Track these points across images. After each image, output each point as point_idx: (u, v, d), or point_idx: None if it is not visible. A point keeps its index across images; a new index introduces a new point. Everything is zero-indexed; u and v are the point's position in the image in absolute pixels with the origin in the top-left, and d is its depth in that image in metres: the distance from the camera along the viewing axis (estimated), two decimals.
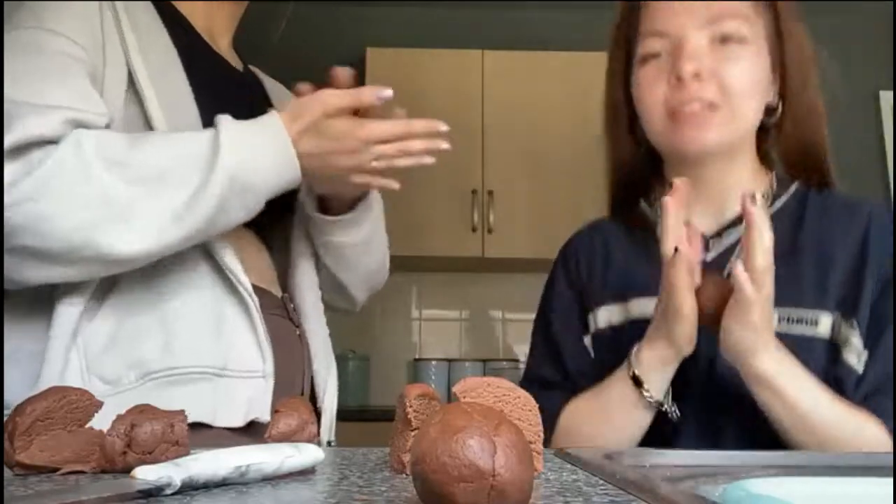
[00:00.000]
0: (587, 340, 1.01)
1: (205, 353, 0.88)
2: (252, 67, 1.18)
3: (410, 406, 0.58)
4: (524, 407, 0.58)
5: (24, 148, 0.79)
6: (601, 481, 0.53)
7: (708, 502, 0.43)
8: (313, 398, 1.05)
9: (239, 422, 0.88)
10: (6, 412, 0.79)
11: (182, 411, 0.61)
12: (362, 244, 1.10)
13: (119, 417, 0.58)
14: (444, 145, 0.94)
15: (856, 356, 0.87)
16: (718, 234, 0.96)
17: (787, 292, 0.87)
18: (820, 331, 0.88)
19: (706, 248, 0.95)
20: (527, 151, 2.94)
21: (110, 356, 0.85)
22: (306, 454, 0.56)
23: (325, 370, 1.06)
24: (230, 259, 0.92)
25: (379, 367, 3.15)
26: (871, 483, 0.55)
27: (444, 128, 0.93)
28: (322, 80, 0.99)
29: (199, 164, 0.83)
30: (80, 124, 0.83)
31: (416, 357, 3.22)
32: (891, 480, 0.49)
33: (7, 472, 0.56)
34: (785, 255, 0.90)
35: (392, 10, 3.33)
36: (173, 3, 1.02)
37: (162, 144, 0.84)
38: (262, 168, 0.86)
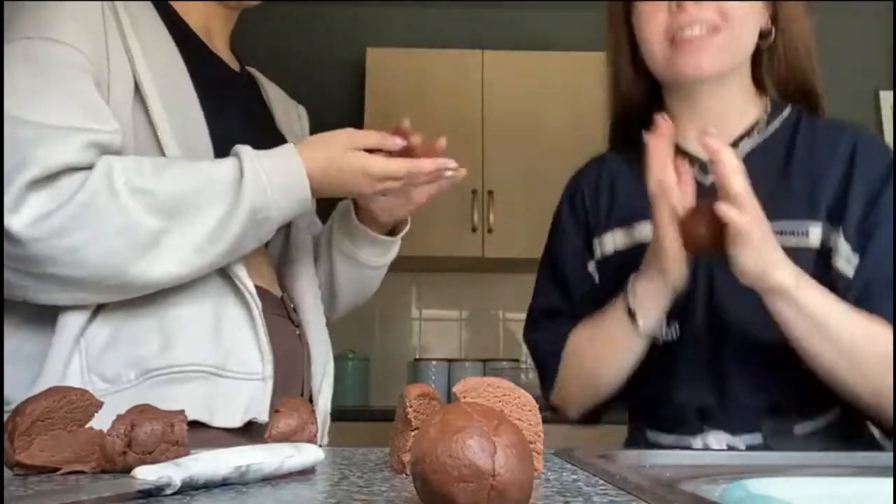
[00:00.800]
0: (592, 267, 1.04)
1: (204, 353, 0.88)
2: (249, 69, 1.17)
3: (410, 406, 0.58)
4: (524, 407, 0.58)
5: (52, 177, 0.79)
6: (601, 481, 0.53)
7: (708, 502, 0.43)
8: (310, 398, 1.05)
9: (236, 422, 0.88)
10: (6, 412, 0.80)
11: (182, 411, 0.61)
12: (381, 268, 1.17)
13: (119, 417, 0.58)
14: (450, 173, 0.98)
15: (845, 261, 0.89)
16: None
17: (778, 206, 0.90)
18: (811, 241, 0.91)
19: (704, 171, 0.98)
20: (527, 151, 2.94)
21: (110, 355, 0.85)
22: (306, 454, 0.56)
23: (321, 371, 1.05)
24: (233, 262, 0.92)
25: (379, 368, 3.15)
26: (871, 483, 0.55)
27: (452, 165, 0.97)
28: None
29: (222, 198, 0.85)
30: (101, 146, 0.83)
31: (416, 357, 3.22)
32: (891, 480, 0.49)
33: (7, 472, 0.56)
34: (777, 174, 0.95)
35: (392, 10, 3.32)
36: (170, 3, 1.01)
37: (185, 174, 0.85)
38: (281, 203, 0.89)
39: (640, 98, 1.05)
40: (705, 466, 0.66)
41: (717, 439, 0.93)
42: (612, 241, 1.03)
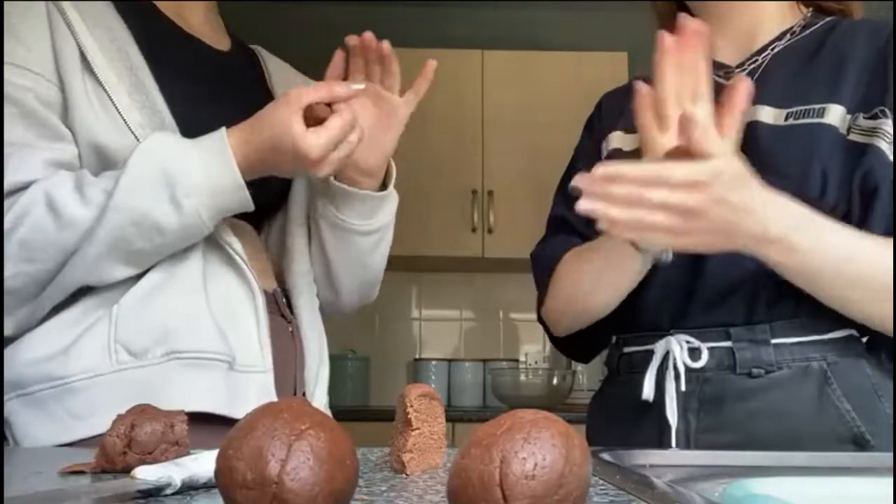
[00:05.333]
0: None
1: (221, 342, 0.89)
2: (254, 47, 1.15)
3: (411, 406, 0.58)
4: None
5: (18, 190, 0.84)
6: (601, 481, 0.53)
7: (708, 502, 0.43)
8: (305, 396, 1.04)
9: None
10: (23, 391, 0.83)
11: (182, 411, 0.61)
12: (373, 238, 1.06)
13: (119, 417, 0.58)
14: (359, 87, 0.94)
15: (886, 142, 0.85)
16: (741, 63, 0.98)
17: (798, 94, 0.89)
18: (827, 119, 0.87)
19: (728, 76, 0.97)
20: (527, 151, 2.94)
21: (139, 329, 0.86)
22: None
23: (316, 368, 1.04)
24: (240, 253, 0.93)
25: (379, 367, 3.15)
26: (871, 483, 0.55)
27: (358, 87, 0.93)
28: (322, 79, 0.99)
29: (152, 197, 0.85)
30: (60, 164, 0.86)
31: (416, 357, 3.22)
32: (891, 480, 0.49)
33: (7, 473, 0.56)
34: (802, 67, 0.92)
35: (392, 10, 3.32)
36: None
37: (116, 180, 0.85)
38: (190, 160, 0.85)
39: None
40: (705, 466, 0.66)
41: (678, 342, 0.91)
42: (618, 141, 1.03)
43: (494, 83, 3.02)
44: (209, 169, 0.85)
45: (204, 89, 0.99)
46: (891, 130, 0.85)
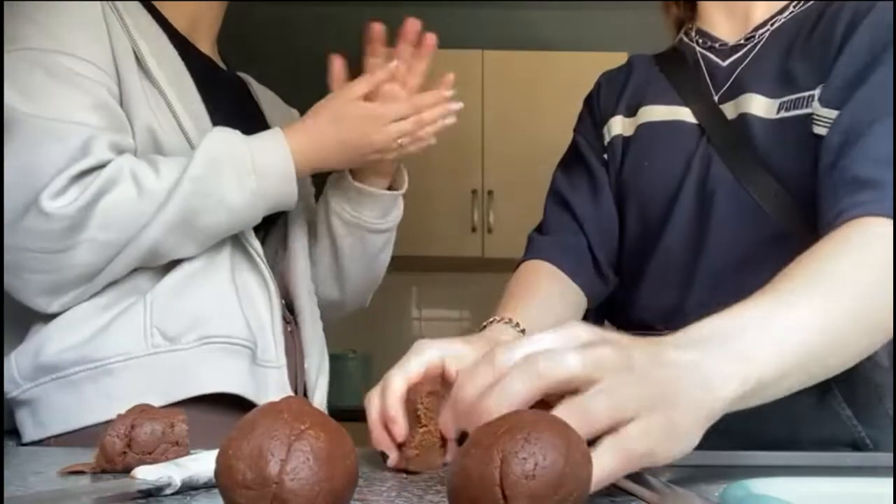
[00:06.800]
0: (602, 158, 1.04)
1: (249, 332, 0.93)
2: (239, 73, 1.19)
3: (421, 403, 0.58)
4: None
5: (92, 170, 0.87)
6: None
7: (708, 502, 0.43)
8: (305, 396, 1.05)
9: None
10: (75, 370, 0.86)
11: (181, 411, 0.61)
12: (384, 237, 1.11)
13: (119, 417, 0.58)
14: (455, 106, 1.03)
15: (823, 127, 0.80)
16: (738, 42, 0.95)
17: (789, 78, 0.87)
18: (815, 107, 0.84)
19: (723, 56, 0.95)
20: (527, 151, 2.94)
21: (173, 315, 0.89)
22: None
23: (316, 368, 1.05)
24: (261, 255, 0.98)
25: (379, 367, 3.14)
26: (871, 483, 0.55)
27: (448, 93, 1.02)
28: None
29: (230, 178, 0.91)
30: (122, 148, 0.89)
31: None
32: (891, 480, 0.49)
33: (7, 473, 0.56)
34: (793, 51, 0.90)
35: (392, 10, 3.32)
36: (154, 3, 1.02)
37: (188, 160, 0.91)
38: (252, 146, 0.92)
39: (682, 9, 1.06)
40: (705, 467, 0.66)
41: None
42: (619, 126, 1.02)
43: (494, 83, 3.02)
44: (266, 156, 0.92)
45: (230, 105, 1.05)
46: (826, 114, 0.80)
